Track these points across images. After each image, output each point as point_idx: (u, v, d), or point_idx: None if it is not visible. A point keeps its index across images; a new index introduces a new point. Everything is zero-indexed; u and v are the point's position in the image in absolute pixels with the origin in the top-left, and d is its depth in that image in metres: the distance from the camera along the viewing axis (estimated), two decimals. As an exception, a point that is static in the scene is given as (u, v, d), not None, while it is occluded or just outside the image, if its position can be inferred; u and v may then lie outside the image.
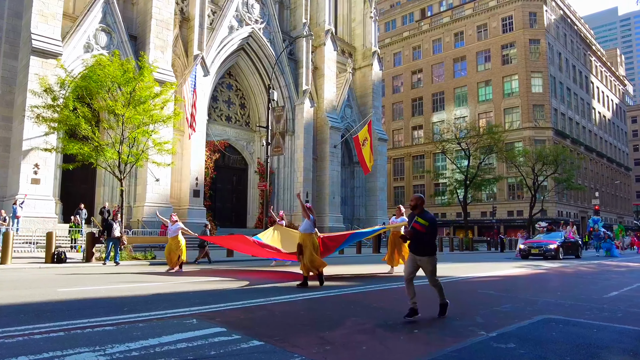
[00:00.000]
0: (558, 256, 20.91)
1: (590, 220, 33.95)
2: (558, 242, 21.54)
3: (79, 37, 23.15)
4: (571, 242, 23.47)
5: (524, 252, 21.99)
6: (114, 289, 8.86)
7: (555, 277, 13.12)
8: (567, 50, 62.18)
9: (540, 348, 4.66)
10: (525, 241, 24.23)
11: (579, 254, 23.70)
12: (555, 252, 20.91)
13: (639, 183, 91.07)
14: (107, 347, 4.40)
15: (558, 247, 21.07)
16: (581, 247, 25.22)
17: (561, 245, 21.48)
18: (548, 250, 21.08)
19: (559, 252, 21.02)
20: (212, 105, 31.59)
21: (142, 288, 9.04)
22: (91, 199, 24.97)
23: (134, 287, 9.27)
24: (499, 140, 43.63)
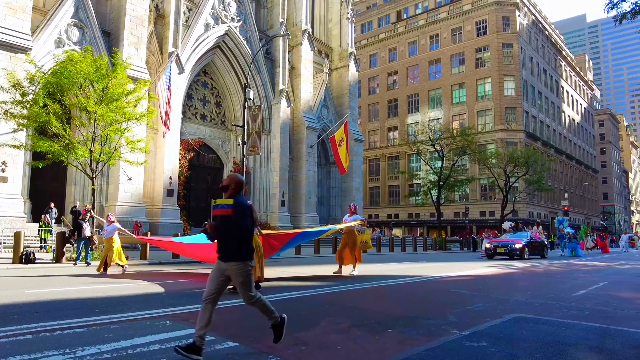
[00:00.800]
0: (523, 256, 20.92)
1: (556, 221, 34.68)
2: (524, 241, 21.53)
3: (50, 32, 22.57)
4: (537, 242, 23.55)
5: (489, 252, 21.94)
6: (85, 290, 8.68)
7: (525, 277, 13.42)
8: (538, 55, 63.65)
9: (511, 346, 4.76)
10: (491, 240, 24.23)
11: (544, 254, 23.89)
12: (521, 252, 20.92)
13: (606, 185, 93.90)
14: (77, 350, 4.31)
15: (523, 247, 21.07)
16: (547, 247, 25.35)
17: (527, 245, 21.49)
18: (513, 250, 21.08)
19: (524, 252, 21.02)
20: (186, 103, 31.23)
21: (115, 289, 8.88)
22: (62, 197, 24.37)
23: (105, 287, 9.09)
24: (472, 142, 44.35)
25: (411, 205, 57.32)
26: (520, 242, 21.47)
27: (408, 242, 34.06)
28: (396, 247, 31.05)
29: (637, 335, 5.53)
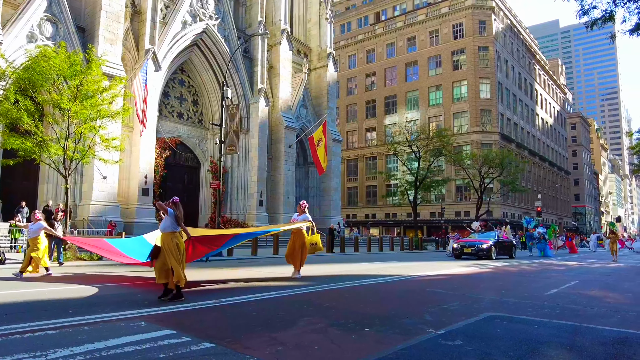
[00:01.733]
0: (491, 256, 20.55)
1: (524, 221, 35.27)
2: (491, 241, 21.19)
3: (22, 26, 22.00)
4: (506, 242, 23.33)
5: (456, 252, 21.60)
6: (58, 291, 8.49)
7: (499, 276, 13.65)
8: (513, 58, 64.85)
9: (485, 344, 4.84)
10: (458, 240, 23.92)
11: (512, 254, 23.51)
12: (488, 252, 20.53)
13: (577, 186, 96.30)
14: (49, 352, 4.21)
15: (491, 247, 20.71)
16: (515, 247, 24.96)
17: (495, 245, 21.15)
18: (480, 250, 20.69)
19: (491, 252, 20.61)
20: (163, 101, 30.83)
21: (88, 289, 8.71)
22: (34, 196, 23.80)
23: (79, 288, 8.91)
24: (448, 143, 45.00)
25: (388, 206, 57.76)
26: (487, 242, 21.10)
27: (385, 241, 34.34)
28: (373, 247, 31.26)
29: (605, 332, 5.68)
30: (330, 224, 33.04)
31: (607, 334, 5.55)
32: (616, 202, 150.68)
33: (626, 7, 11.21)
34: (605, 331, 5.74)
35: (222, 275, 12.05)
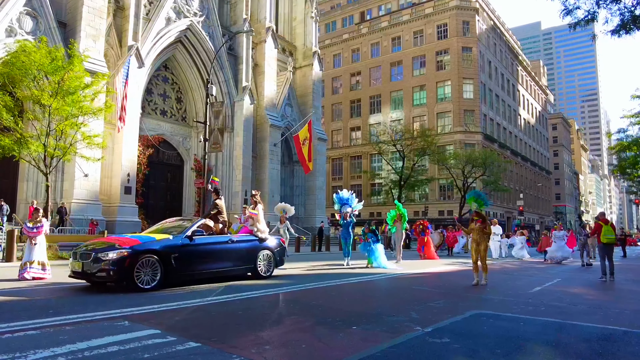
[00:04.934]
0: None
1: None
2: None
3: (0, 20, 21.51)
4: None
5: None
6: (38, 291, 8.31)
7: (483, 274, 13.75)
8: (496, 59, 65.55)
9: (472, 342, 4.86)
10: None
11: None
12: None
13: (558, 186, 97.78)
14: (29, 354, 4.10)
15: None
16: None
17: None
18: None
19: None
20: (146, 98, 30.44)
21: (68, 288, 8.54)
22: (13, 194, 23.29)
23: (60, 287, 8.73)
24: (432, 143, 45.31)
25: (373, 205, 57.92)
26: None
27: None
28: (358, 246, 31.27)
29: (589, 329, 5.75)
30: (321, 223, 33.05)
31: (591, 331, 5.62)
32: (596, 202, 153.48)
33: (608, 9, 11.39)
34: (590, 328, 5.81)
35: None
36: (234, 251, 10.08)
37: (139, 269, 8.09)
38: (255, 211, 10.82)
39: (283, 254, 11.61)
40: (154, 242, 8.62)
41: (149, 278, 8.21)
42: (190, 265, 9.14)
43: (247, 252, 10.34)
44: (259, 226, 10.66)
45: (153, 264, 8.28)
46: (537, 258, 22.31)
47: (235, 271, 10.16)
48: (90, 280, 8.43)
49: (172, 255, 8.56)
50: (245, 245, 10.38)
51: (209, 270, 9.57)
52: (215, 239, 9.81)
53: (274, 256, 10.91)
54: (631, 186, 46.45)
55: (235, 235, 10.41)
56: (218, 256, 9.77)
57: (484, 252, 10.13)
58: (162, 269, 8.38)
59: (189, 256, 9.05)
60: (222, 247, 9.83)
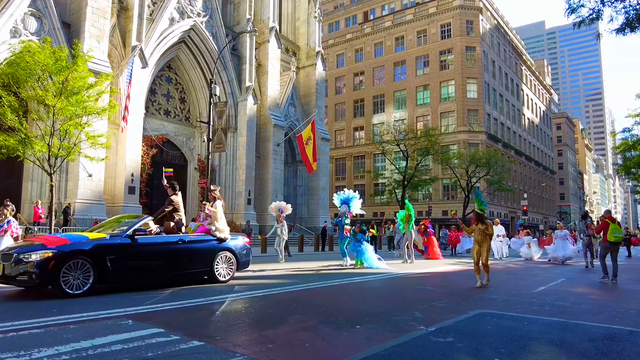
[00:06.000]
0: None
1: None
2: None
3: (5, 21, 21.59)
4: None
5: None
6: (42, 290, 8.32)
7: (487, 274, 13.71)
8: (500, 59, 65.38)
9: (476, 341, 4.84)
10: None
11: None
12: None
13: (562, 186, 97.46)
14: (33, 352, 4.11)
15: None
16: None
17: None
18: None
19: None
20: (150, 98, 30.52)
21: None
22: (18, 194, 23.39)
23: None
24: (435, 142, 45.19)
25: (376, 204, 57.87)
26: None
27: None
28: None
29: (594, 328, 5.72)
30: (324, 223, 33.01)
31: (596, 330, 5.59)
32: (600, 202, 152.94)
33: (613, 7, 11.34)
34: (594, 327, 5.78)
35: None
36: (185, 253, 8.99)
37: (67, 272, 7.17)
38: (214, 208, 9.74)
39: (248, 255, 10.38)
40: (86, 242, 7.64)
41: (79, 282, 7.29)
42: (131, 268, 8.17)
43: (202, 253, 9.27)
44: (217, 225, 9.60)
45: (84, 267, 7.38)
46: (544, 258, 22.21)
47: (187, 275, 9.11)
48: (13, 284, 7.38)
49: (108, 257, 7.63)
50: (200, 246, 9.31)
51: (154, 274, 8.62)
52: (162, 239, 8.80)
53: (236, 258, 9.82)
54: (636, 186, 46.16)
55: (188, 235, 9.34)
56: (166, 258, 8.73)
57: (486, 253, 9.89)
58: (96, 272, 7.47)
59: (130, 258, 8.09)
60: (170, 249, 8.77)
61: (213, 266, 9.33)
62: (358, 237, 14.80)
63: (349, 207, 15.51)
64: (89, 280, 7.42)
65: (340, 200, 15.70)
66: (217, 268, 9.42)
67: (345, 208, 15.45)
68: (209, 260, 9.30)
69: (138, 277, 8.41)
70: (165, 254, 8.74)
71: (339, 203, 15.70)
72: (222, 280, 9.43)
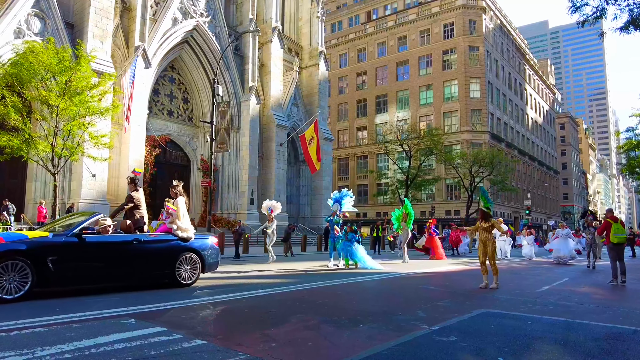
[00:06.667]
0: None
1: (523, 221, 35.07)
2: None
3: (8, 21, 21.67)
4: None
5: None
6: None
7: (490, 274, 13.68)
8: (503, 58, 65.22)
9: (480, 340, 4.82)
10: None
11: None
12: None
13: (566, 185, 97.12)
14: (36, 350, 4.12)
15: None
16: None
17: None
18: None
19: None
20: (153, 98, 30.58)
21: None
22: (21, 194, 23.48)
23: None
24: (439, 142, 45.14)
25: (379, 204, 57.82)
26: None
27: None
28: (365, 245, 31.20)
29: (598, 328, 5.69)
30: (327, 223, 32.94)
31: (600, 330, 5.57)
32: (604, 202, 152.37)
33: (617, 4, 11.28)
34: (598, 327, 5.75)
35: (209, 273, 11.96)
36: (141, 254, 8.18)
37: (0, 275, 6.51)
38: (174, 206, 8.95)
39: (216, 256, 9.52)
40: (23, 241, 6.88)
41: (15, 286, 6.58)
42: (77, 270, 7.41)
43: (161, 254, 8.48)
44: (178, 224, 8.80)
45: (21, 269, 6.65)
46: (546, 258, 22.15)
47: (144, 278, 8.35)
48: None
49: (50, 258, 6.89)
50: (160, 247, 8.49)
51: (104, 277, 7.81)
52: (114, 239, 8.02)
53: (202, 260, 9.00)
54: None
55: (147, 235, 8.56)
56: (118, 260, 7.92)
57: (492, 252, 9.53)
58: (35, 275, 6.74)
59: (75, 259, 7.35)
60: (124, 249, 7.95)
61: (174, 268, 8.53)
62: (349, 237, 14.48)
63: (340, 206, 15.16)
64: (26, 283, 6.72)
65: (333, 199, 15.43)
66: (179, 270, 8.60)
67: (337, 207, 15.14)
68: (169, 261, 8.51)
69: (85, 280, 7.64)
70: (117, 254, 7.93)
71: (332, 202, 15.45)
72: (184, 283, 8.63)
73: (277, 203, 16.74)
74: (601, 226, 11.42)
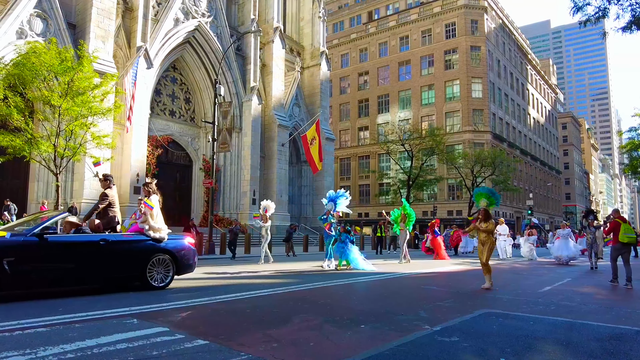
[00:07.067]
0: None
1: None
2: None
3: (11, 22, 21.71)
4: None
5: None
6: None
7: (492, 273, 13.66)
8: (505, 58, 65.13)
9: (482, 340, 4.82)
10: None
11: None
12: None
13: (568, 185, 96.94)
14: (39, 350, 4.12)
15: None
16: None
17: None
18: None
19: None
20: (155, 99, 30.61)
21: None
22: (24, 194, 23.53)
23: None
24: (440, 142, 45.09)
25: (381, 204, 57.71)
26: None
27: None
28: (367, 246, 31.26)
29: (601, 328, 5.68)
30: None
31: (602, 330, 5.55)
32: (606, 202, 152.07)
33: (619, 4, 11.26)
34: (601, 327, 5.74)
35: (212, 272, 11.97)
36: (109, 255, 7.69)
37: None
38: (151, 203, 8.52)
39: (191, 258, 8.94)
40: None
41: None
42: (38, 272, 7.02)
43: (131, 256, 8.04)
44: (151, 223, 8.34)
45: None
46: (548, 258, 22.10)
47: (112, 280, 8.01)
48: None
49: (6, 259, 6.49)
50: (130, 248, 8.05)
51: (68, 279, 7.40)
52: (80, 239, 7.56)
53: (176, 261, 8.50)
54: (643, 185, 45.83)
55: (116, 234, 8.11)
56: (84, 261, 7.46)
57: (488, 253, 9.50)
58: None
59: (36, 260, 6.96)
60: (90, 250, 7.50)
61: (146, 270, 8.06)
62: (342, 237, 14.14)
63: (335, 205, 14.82)
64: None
65: (327, 198, 15.11)
66: (151, 272, 8.15)
67: (331, 206, 14.79)
68: (140, 263, 8.04)
69: (47, 282, 7.29)
70: (82, 255, 7.47)
71: (326, 201, 15.10)
72: (156, 286, 8.15)
73: (271, 203, 16.54)
74: (609, 226, 10.95)
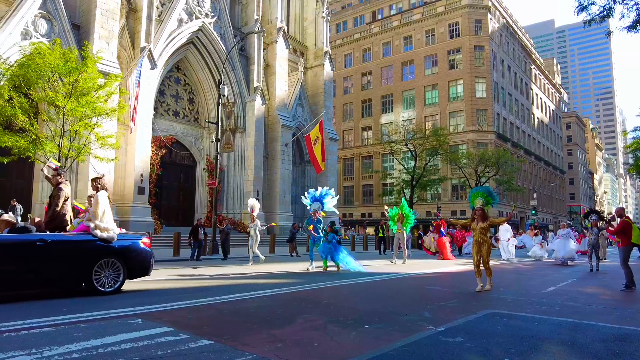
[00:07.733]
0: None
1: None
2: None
3: (16, 23, 21.82)
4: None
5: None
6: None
7: (496, 274, 13.61)
8: (509, 58, 64.96)
9: (486, 341, 4.81)
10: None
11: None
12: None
13: (572, 185, 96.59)
14: (44, 350, 4.15)
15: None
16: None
17: None
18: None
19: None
20: (158, 99, 30.69)
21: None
22: (28, 195, 23.63)
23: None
24: (444, 142, 44.98)
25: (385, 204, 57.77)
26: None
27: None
28: (370, 246, 31.24)
29: (605, 329, 5.66)
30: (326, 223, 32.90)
31: (607, 331, 5.53)
32: (611, 202, 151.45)
33: (624, 4, 11.21)
34: (606, 328, 5.72)
35: (215, 273, 11.99)
36: (48, 257, 7.02)
37: None
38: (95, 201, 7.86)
39: (146, 260, 8.19)
40: None
41: None
42: None
43: (74, 258, 7.34)
44: (97, 222, 7.58)
45: None
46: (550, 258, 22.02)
47: (52, 284, 7.38)
48: None
49: None
50: (73, 249, 7.36)
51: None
52: (11, 239, 6.91)
53: (126, 264, 7.81)
54: (647, 185, 45.63)
55: (54, 235, 7.37)
56: (17, 264, 6.84)
57: (487, 255, 9.21)
58: None
59: None
60: (25, 251, 6.87)
61: (92, 273, 7.40)
62: (329, 237, 13.29)
63: (322, 205, 13.83)
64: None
65: (310, 198, 13.95)
66: (98, 276, 7.47)
67: (318, 205, 13.80)
68: (85, 266, 7.38)
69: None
70: (15, 258, 6.83)
71: (309, 201, 13.97)
72: (102, 291, 7.46)
73: (257, 202, 15.71)
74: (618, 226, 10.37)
